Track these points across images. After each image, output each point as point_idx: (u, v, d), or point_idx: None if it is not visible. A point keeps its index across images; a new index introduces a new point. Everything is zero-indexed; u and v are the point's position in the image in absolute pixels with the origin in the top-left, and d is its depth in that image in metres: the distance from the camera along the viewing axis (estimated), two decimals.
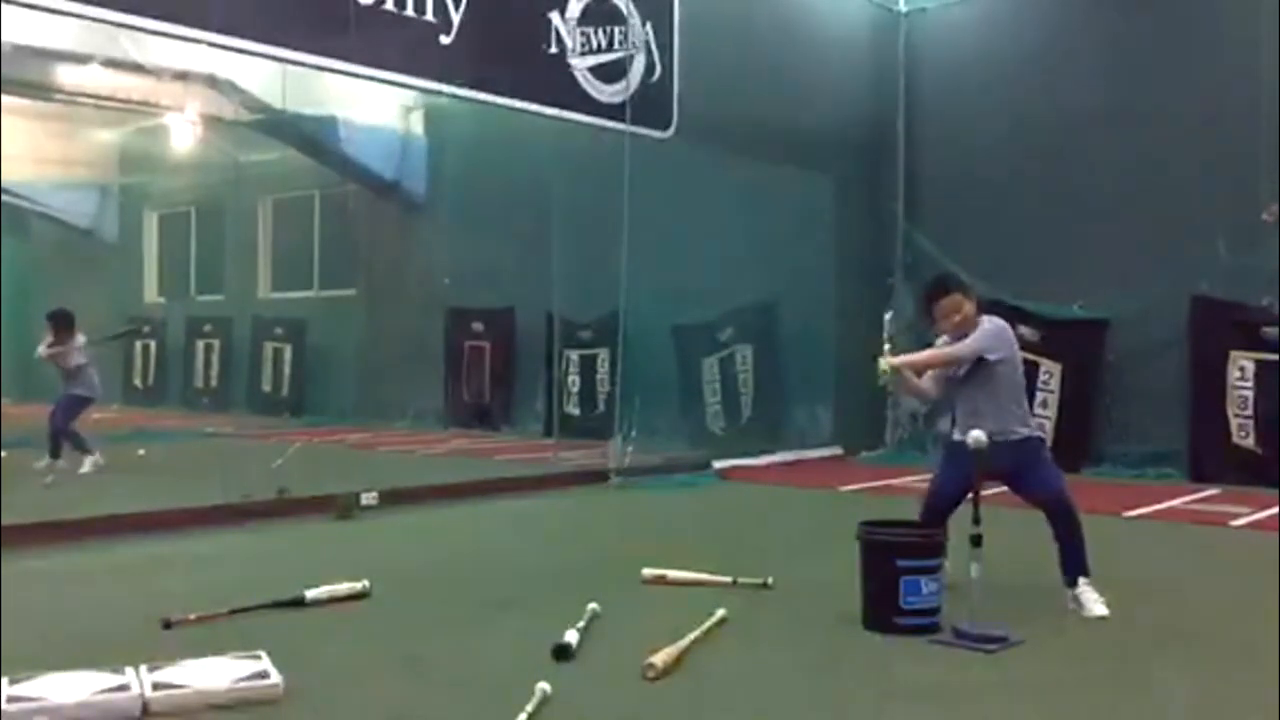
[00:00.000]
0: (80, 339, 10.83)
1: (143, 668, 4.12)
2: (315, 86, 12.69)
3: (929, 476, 6.07)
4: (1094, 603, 5.35)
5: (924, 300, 5.80)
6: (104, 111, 14.61)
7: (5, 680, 3.98)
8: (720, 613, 5.12)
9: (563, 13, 10.28)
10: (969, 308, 5.60)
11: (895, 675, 4.48)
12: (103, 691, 3.93)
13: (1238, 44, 11.05)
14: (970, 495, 5.04)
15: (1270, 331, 10.51)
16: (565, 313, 12.99)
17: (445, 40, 9.38)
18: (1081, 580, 5.40)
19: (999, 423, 5.43)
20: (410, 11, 9.15)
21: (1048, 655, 4.75)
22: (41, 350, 10.76)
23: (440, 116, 16.06)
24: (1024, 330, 11.08)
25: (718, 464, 11.36)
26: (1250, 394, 10.62)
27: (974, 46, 12.83)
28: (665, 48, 11.20)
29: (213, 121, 14.47)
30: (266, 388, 18.39)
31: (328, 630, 5.11)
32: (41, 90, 13.40)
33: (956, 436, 5.57)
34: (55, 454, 10.56)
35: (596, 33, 10.53)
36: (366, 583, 5.69)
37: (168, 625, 5.00)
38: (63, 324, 10.74)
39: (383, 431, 15.05)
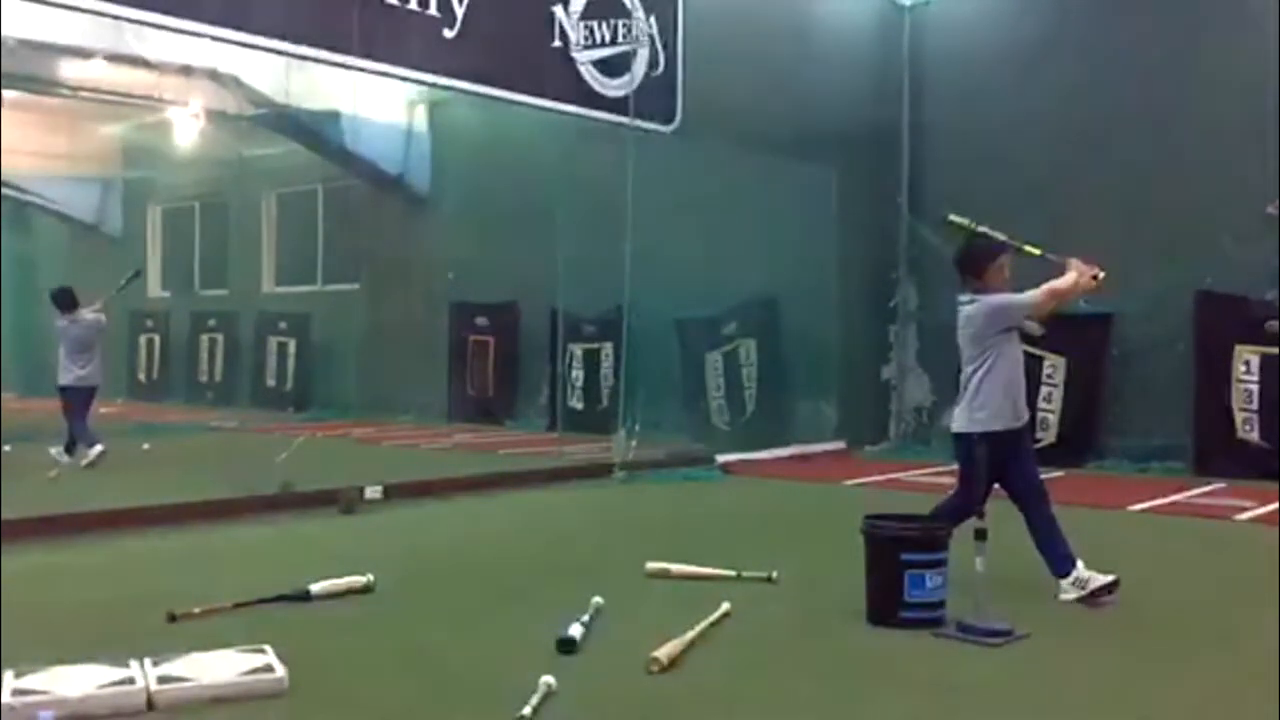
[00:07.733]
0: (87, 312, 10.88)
1: (147, 661, 4.13)
2: (319, 81, 12.69)
3: (932, 470, 6.06)
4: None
5: (977, 259, 5.83)
6: (107, 106, 14.63)
7: (10, 674, 3.98)
8: (724, 607, 5.12)
9: (566, 6, 10.27)
10: None
11: (899, 669, 4.48)
12: (107, 685, 3.93)
13: (1243, 37, 11.02)
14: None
15: (1274, 325, 10.49)
16: (569, 307, 12.98)
17: (449, 34, 9.39)
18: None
19: None
20: (414, 5, 9.15)
21: (1052, 649, 4.75)
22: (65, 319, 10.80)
23: (444, 110, 16.06)
24: (1028, 324, 11.04)
25: (721, 458, 11.34)
26: (1255, 388, 10.61)
27: (978, 40, 12.79)
28: (669, 41, 11.19)
29: (216, 116, 14.48)
30: (270, 382, 18.41)
31: (332, 624, 5.11)
32: (45, 85, 13.41)
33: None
34: (70, 449, 10.63)
35: (600, 26, 10.52)
36: (370, 577, 5.69)
37: (173, 619, 5.00)
38: (64, 301, 10.84)
39: (387, 426, 15.06)
